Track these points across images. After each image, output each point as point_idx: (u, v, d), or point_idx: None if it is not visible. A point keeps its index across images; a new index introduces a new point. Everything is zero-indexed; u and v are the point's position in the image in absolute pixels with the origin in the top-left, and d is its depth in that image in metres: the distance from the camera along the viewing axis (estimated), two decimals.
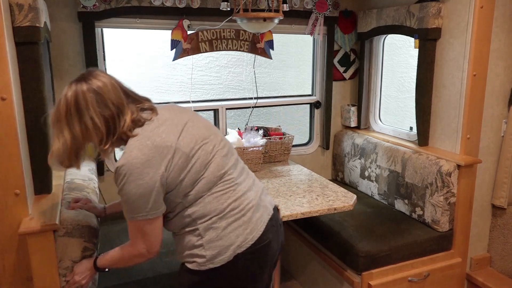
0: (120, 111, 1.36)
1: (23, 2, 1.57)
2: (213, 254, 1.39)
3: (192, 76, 2.73)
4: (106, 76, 1.38)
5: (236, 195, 1.44)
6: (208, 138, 1.45)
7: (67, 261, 1.54)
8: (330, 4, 2.86)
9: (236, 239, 1.40)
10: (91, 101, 1.31)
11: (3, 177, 1.51)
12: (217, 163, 1.43)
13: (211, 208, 1.40)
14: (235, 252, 1.40)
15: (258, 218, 1.46)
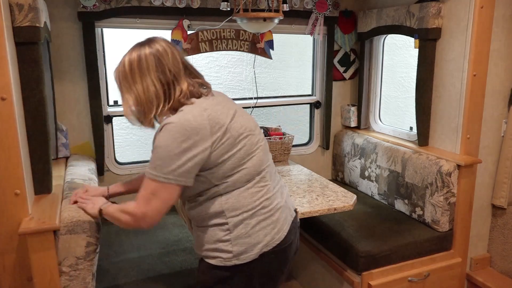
0: (176, 79, 1.38)
1: (23, 2, 1.57)
2: (240, 251, 1.39)
3: None
4: (169, 44, 1.42)
5: (269, 194, 1.45)
6: (254, 131, 1.47)
7: (71, 258, 1.54)
8: (330, 4, 2.86)
9: (264, 238, 1.41)
10: (151, 64, 1.36)
11: (3, 177, 1.51)
12: (259, 158, 1.44)
13: (244, 202, 1.40)
14: (262, 250, 1.41)
15: (284, 218, 1.48)
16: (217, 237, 1.42)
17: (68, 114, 2.43)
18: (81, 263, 1.57)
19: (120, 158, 2.69)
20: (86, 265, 1.58)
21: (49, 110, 1.79)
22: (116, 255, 2.09)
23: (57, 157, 2.33)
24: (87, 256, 1.57)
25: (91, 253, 1.57)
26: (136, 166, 2.68)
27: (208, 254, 1.44)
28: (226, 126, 1.36)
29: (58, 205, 1.63)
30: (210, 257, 1.43)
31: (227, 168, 1.38)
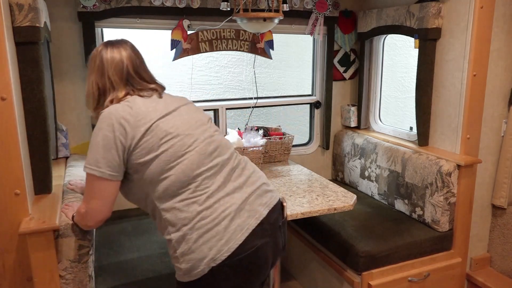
0: (113, 87, 1.46)
1: (23, 2, 1.57)
2: (187, 268, 1.32)
3: (192, 76, 2.73)
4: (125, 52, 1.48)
5: (209, 202, 1.35)
6: (192, 131, 1.42)
7: (65, 261, 1.55)
8: (330, 4, 2.86)
9: (209, 252, 1.31)
10: (96, 67, 1.48)
11: (3, 177, 1.51)
12: (192, 162, 1.37)
13: (180, 216, 1.33)
14: (209, 265, 1.31)
15: (238, 225, 1.35)
16: (171, 253, 1.38)
17: (68, 114, 2.43)
18: (76, 266, 1.57)
19: None
20: (81, 267, 1.58)
21: (49, 110, 1.79)
22: (116, 256, 2.09)
23: (57, 157, 2.33)
24: (81, 258, 1.57)
25: (85, 256, 1.57)
26: None
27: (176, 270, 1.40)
28: (151, 123, 1.36)
29: (58, 205, 1.63)
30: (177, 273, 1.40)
31: (154, 172, 1.34)
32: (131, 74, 1.48)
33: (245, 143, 2.58)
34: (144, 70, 1.54)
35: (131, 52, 1.50)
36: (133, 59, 1.49)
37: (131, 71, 1.48)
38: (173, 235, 1.34)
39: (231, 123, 2.98)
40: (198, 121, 1.47)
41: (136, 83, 1.48)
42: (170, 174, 1.35)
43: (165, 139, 1.36)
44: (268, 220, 1.43)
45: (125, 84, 1.46)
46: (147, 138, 1.35)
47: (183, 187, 1.35)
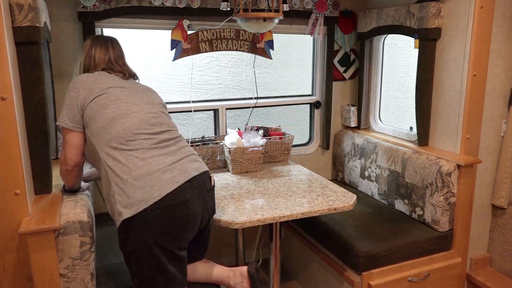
0: (94, 67, 1.83)
1: (23, 2, 1.57)
2: (121, 208, 1.55)
3: (192, 76, 2.73)
4: (108, 52, 1.85)
5: (144, 155, 1.61)
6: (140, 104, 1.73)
7: (67, 260, 1.55)
8: (330, 4, 2.86)
9: (142, 195, 1.54)
10: (84, 51, 1.87)
11: (3, 177, 1.51)
12: (133, 123, 1.65)
13: (120, 165, 1.58)
14: (141, 206, 1.53)
15: (168, 178, 1.59)
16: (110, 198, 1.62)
17: None
18: (78, 263, 1.57)
19: None
20: (83, 265, 1.58)
21: (49, 110, 1.79)
22: (116, 256, 2.09)
23: (57, 157, 2.33)
24: (83, 256, 1.57)
25: (87, 253, 1.57)
26: None
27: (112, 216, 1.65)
28: (106, 87, 1.70)
29: (58, 205, 1.63)
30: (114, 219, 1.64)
31: (99, 125, 1.63)
32: (106, 62, 1.83)
33: (245, 143, 2.58)
34: (118, 62, 1.87)
35: (106, 51, 1.86)
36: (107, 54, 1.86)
37: (105, 60, 1.83)
38: (113, 180, 1.58)
39: (231, 123, 2.98)
40: (149, 100, 1.79)
41: (110, 68, 1.83)
42: (112, 129, 1.62)
43: (114, 102, 1.67)
44: (197, 181, 1.68)
45: (101, 69, 1.82)
46: (100, 97, 1.67)
47: (123, 143, 1.62)
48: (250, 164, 2.59)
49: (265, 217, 1.92)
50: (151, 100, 1.80)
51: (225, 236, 2.89)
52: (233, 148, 2.52)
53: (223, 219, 1.88)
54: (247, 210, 1.99)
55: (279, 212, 1.96)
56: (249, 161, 2.59)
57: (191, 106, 2.73)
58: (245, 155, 2.57)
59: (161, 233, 1.57)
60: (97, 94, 1.68)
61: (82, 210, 1.62)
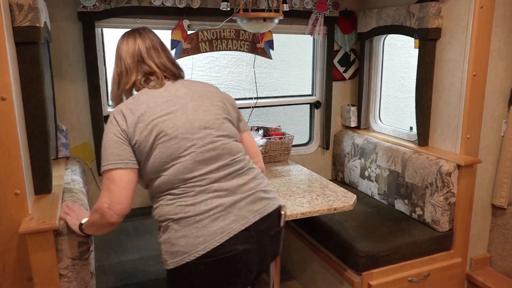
0: (127, 72, 1.52)
1: (23, 2, 1.57)
2: (165, 257, 1.39)
3: (192, 76, 2.73)
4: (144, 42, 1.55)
5: (195, 199, 1.37)
6: (191, 135, 1.40)
7: (66, 260, 1.55)
8: (330, 4, 2.86)
9: (185, 246, 1.34)
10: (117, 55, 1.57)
11: (3, 177, 1.51)
12: (185, 165, 1.38)
13: (166, 209, 1.39)
14: (184, 260, 1.34)
15: (220, 227, 1.35)
16: (158, 240, 1.45)
17: (68, 114, 2.43)
18: (77, 263, 1.57)
19: None
20: (83, 264, 1.58)
21: (49, 110, 1.79)
22: (116, 256, 2.09)
23: (57, 157, 2.33)
24: (82, 255, 1.57)
25: (86, 252, 1.57)
26: None
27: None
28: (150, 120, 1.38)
29: (58, 205, 1.63)
30: None
31: (150, 170, 1.39)
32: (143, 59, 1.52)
33: None
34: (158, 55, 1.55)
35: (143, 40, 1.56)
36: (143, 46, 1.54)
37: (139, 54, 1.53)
38: (160, 224, 1.42)
39: None
40: (204, 124, 1.43)
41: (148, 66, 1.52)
42: (163, 174, 1.38)
43: (162, 140, 1.37)
44: (256, 228, 1.41)
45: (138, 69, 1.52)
46: (146, 135, 1.37)
47: (173, 188, 1.39)
48: None
49: None
50: (206, 123, 1.44)
51: None
52: None
53: None
54: None
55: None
56: None
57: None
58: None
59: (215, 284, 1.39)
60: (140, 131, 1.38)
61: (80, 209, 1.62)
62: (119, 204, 1.34)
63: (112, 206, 1.33)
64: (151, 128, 1.37)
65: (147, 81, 1.50)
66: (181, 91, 1.48)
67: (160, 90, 1.47)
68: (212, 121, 1.45)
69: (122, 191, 1.34)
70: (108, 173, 1.35)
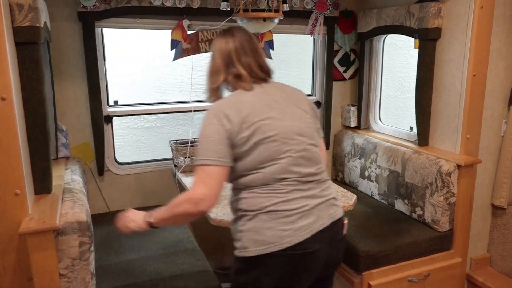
0: (217, 72, 1.59)
1: (23, 2, 1.57)
2: (247, 244, 1.44)
3: (192, 76, 2.72)
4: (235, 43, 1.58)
5: (286, 197, 1.45)
6: (289, 141, 1.48)
7: (66, 260, 1.55)
8: (330, 4, 2.86)
9: (272, 238, 1.42)
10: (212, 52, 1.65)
11: (3, 177, 1.51)
12: (281, 167, 1.45)
13: (259, 201, 1.45)
14: (267, 250, 1.41)
15: (304, 224, 1.45)
16: (236, 228, 1.50)
17: (68, 114, 2.43)
18: (78, 263, 1.57)
19: (120, 158, 2.69)
20: (83, 264, 1.58)
21: (49, 110, 1.79)
22: (116, 256, 2.09)
23: (57, 157, 2.33)
24: (82, 256, 1.57)
25: (86, 252, 1.57)
26: (136, 166, 2.69)
27: (234, 244, 1.52)
28: (253, 122, 1.44)
29: (58, 205, 1.63)
30: (234, 247, 1.51)
31: (246, 167, 1.45)
32: (232, 60, 1.57)
33: None
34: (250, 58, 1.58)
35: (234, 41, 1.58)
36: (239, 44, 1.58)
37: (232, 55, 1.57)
38: (246, 213, 1.46)
39: None
40: (299, 131, 1.52)
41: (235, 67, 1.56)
42: (259, 171, 1.45)
43: (265, 141, 1.44)
44: (328, 231, 1.51)
45: (227, 70, 1.57)
46: (249, 135, 1.43)
47: (267, 184, 1.46)
48: None
49: None
50: (300, 131, 1.52)
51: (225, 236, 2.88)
52: None
53: (223, 219, 1.88)
54: None
55: None
56: None
57: (191, 106, 2.72)
58: None
59: (279, 279, 1.46)
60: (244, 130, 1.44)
61: (80, 210, 1.62)
62: (214, 197, 1.41)
63: (207, 197, 1.39)
64: (254, 129, 1.43)
65: (238, 82, 1.55)
66: (277, 96, 1.55)
67: (258, 92, 1.53)
68: (305, 129, 1.54)
69: (217, 186, 1.41)
70: (205, 168, 1.41)
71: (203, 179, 1.41)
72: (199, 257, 2.12)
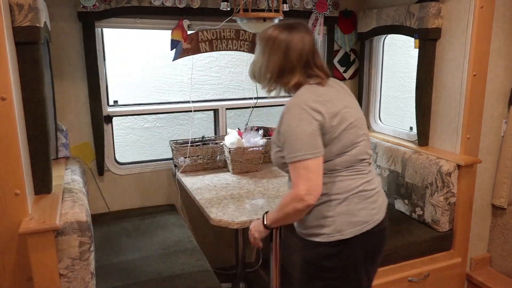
0: (290, 70, 1.55)
1: (23, 2, 1.57)
2: (342, 227, 1.51)
3: (192, 76, 2.73)
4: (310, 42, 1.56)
5: (368, 177, 1.58)
6: (361, 125, 1.59)
7: (66, 260, 1.55)
8: (330, 4, 2.86)
9: (365, 217, 1.52)
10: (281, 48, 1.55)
11: (3, 177, 1.51)
12: (361, 148, 1.56)
13: (346, 183, 1.53)
14: (364, 228, 1.52)
15: (381, 202, 1.60)
16: (321, 214, 1.53)
17: (68, 114, 2.43)
18: (77, 263, 1.57)
19: (120, 158, 2.69)
20: (83, 265, 1.58)
21: (49, 110, 1.79)
22: (116, 256, 2.09)
23: (57, 157, 2.33)
24: (82, 256, 1.57)
25: (86, 252, 1.57)
26: (136, 166, 2.68)
27: (312, 232, 1.56)
28: (338, 111, 1.51)
29: (58, 205, 1.63)
30: (314, 234, 1.55)
31: (333, 152, 1.51)
32: (309, 60, 1.57)
33: (245, 143, 2.58)
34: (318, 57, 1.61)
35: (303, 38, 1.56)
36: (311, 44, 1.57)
37: (304, 56, 1.56)
38: (334, 196, 1.53)
39: (231, 123, 2.98)
40: (362, 117, 1.65)
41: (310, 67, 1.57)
42: (345, 154, 1.53)
43: (348, 128, 1.52)
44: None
45: (301, 69, 1.56)
46: (337, 123, 1.50)
47: (351, 166, 1.55)
48: (250, 164, 2.59)
49: None
50: (361, 112, 1.66)
51: (225, 236, 2.89)
52: (233, 148, 2.52)
53: (223, 219, 1.88)
54: (247, 210, 1.99)
55: None
56: (249, 161, 2.59)
57: (191, 106, 2.72)
58: (245, 155, 2.57)
59: (364, 257, 1.57)
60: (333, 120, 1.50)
61: (80, 210, 1.62)
62: (318, 188, 1.45)
63: (312, 191, 1.44)
64: (340, 118, 1.50)
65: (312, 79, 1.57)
66: (338, 87, 1.64)
67: (329, 87, 1.58)
68: (363, 121, 1.65)
69: (318, 177, 1.45)
70: (303, 163, 1.44)
71: (303, 175, 1.44)
72: (199, 257, 2.12)
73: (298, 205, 1.45)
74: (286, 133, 1.48)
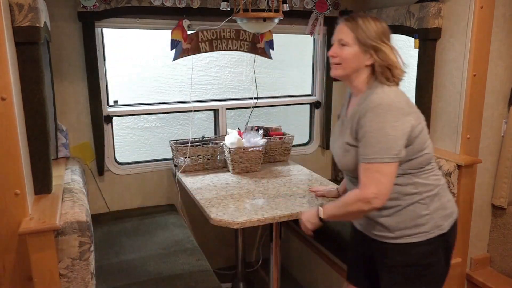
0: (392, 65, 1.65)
1: (23, 2, 1.57)
2: (439, 222, 1.54)
3: (192, 76, 2.73)
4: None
5: (440, 172, 1.63)
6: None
7: (66, 260, 1.55)
8: (330, 4, 2.86)
9: (453, 207, 1.61)
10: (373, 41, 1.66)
11: (3, 177, 1.51)
12: (431, 146, 1.58)
13: (433, 178, 1.56)
14: (454, 219, 1.59)
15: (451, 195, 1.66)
16: (416, 213, 1.53)
17: (68, 114, 2.44)
18: (77, 263, 1.57)
19: (120, 158, 2.69)
20: (83, 264, 1.58)
21: (49, 110, 1.79)
22: (116, 256, 2.09)
23: (57, 157, 2.34)
24: (82, 256, 1.57)
25: (86, 252, 1.58)
26: (136, 166, 2.69)
27: (407, 234, 1.53)
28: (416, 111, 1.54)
29: (58, 205, 1.63)
30: (409, 235, 1.53)
31: (413, 150, 1.50)
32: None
33: (245, 143, 2.58)
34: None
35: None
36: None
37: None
38: (425, 194, 1.53)
39: (231, 123, 2.98)
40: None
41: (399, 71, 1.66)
42: (425, 151, 1.54)
43: (423, 127, 1.54)
44: None
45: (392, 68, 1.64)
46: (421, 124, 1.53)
47: (430, 162, 1.57)
48: (250, 164, 2.59)
49: (265, 217, 1.92)
50: None
51: (225, 236, 2.89)
52: (233, 148, 2.52)
53: (223, 219, 1.88)
54: (247, 210, 1.99)
55: (279, 212, 1.96)
56: (249, 161, 2.59)
57: (191, 106, 2.73)
58: (245, 155, 2.57)
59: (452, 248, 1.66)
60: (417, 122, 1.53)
61: (80, 210, 1.63)
62: (386, 194, 1.43)
63: (380, 195, 1.42)
64: (421, 118, 1.54)
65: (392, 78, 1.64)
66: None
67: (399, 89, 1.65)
68: None
69: (390, 182, 1.44)
70: (379, 166, 1.42)
71: (376, 178, 1.42)
72: (199, 257, 2.12)
73: (364, 207, 1.44)
74: (374, 133, 1.44)
